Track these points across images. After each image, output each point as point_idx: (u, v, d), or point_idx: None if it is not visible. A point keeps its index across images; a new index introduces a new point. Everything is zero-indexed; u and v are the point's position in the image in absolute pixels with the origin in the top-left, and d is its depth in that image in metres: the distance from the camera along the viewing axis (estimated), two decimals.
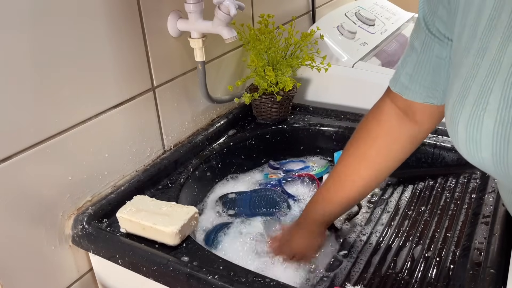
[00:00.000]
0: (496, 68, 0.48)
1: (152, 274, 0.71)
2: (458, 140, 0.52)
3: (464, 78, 0.52)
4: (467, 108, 0.50)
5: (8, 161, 0.68)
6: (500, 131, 0.47)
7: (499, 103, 0.47)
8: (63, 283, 0.82)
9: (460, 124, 0.51)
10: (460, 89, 0.52)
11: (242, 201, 0.93)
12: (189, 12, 0.87)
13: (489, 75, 0.48)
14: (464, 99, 0.51)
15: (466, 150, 0.51)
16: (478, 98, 0.49)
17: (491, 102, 0.47)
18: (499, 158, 0.48)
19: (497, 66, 0.48)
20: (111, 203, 0.81)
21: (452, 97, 0.53)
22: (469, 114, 0.50)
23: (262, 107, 1.10)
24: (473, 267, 0.65)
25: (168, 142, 0.98)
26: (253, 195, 0.94)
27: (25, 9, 0.65)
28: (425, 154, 0.98)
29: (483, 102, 0.48)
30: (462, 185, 0.89)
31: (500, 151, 0.47)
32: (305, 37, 1.07)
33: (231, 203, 0.93)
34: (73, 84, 0.75)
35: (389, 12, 1.54)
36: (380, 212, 0.90)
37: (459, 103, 0.51)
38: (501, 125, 0.47)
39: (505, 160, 0.47)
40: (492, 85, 0.48)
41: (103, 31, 0.77)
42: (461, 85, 0.52)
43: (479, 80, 0.49)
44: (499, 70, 0.47)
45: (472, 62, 0.51)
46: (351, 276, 0.73)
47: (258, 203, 0.93)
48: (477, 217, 0.77)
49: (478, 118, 0.48)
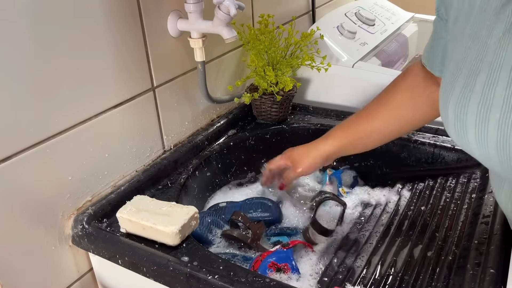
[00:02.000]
0: (484, 50, 0.50)
1: (152, 274, 0.71)
2: (448, 122, 0.54)
3: (457, 60, 0.54)
4: (457, 90, 0.52)
5: (8, 161, 0.68)
6: (482, 111, 0.49)
7: (483, 85, 0.49)
8: (63, 283, 0.82)
9: (450, 105, 0.53)
10: (452, 71, 0.54)
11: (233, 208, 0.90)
12: (189, 12, 0.87)
13: (477, 57, 0.51)
14: (455, 81, 0.53)
15: (455, 131, 0.54)
16: (467, 80, 0.51)
17: (477, 84, 0.50)
18: (480, 139, 0.50)
19: (485, 48, 0.50)
20: (111, 203, 0.81)
21: (445, 80, 0.56)
22: (458, 95, 0.52)
23: (262, 107, 1.10)
24: (473, 267, 0.65)
25: (168, 142, 0.98)
26: (245, 202, 0.92)
27: (25, 9, 0.65)
28: (425, 154, 0.98)
29: (470, 84, 0.51)
30: (462, 185, 0.89)
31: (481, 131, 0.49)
32: (305, 37, 1.07)
33: (222, 211, 0.91)
34: (73, 84, 0.75)
35: (389, 12, 1.54)
36: (380, 212, 0.90)
37: (451, 85, 0.54)
38: (483, 106, 0.49)
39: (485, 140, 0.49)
40: (480, 66, 0.50)
41: (103, 31, 0.77)
42: (454, 67, 0.54)
43: (469, 63, 0.52)
44: (486, 53, 0.50)
45: (465, 45, 0.53)
46: (351, 276, 0.73)
47: (250, 209, 0.91)
48: (477, 217, 0.77)
49: (465, 99, 0.51)
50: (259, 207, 0.91)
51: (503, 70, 0.47)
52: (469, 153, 0.55)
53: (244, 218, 0.83)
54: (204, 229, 0.83)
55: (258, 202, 0.92)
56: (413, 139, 0.99)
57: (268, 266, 0.75)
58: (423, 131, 1.01)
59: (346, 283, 0.71)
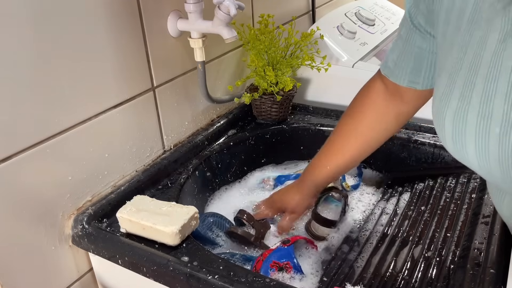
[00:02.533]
0: (478, 62, 0.49)
1: (152, 274, 0.71)
2: (445, 135, 0.53)
3: (449, 72, 0.53)
4: (453, 102, 0.51)
5: (8, 161, 0.68)
6: (482, 124, 0.48)
7: (480, 97, 0.48)
8: (63, 283, 0.82)
9: (447, 118, 0.52)
10: (446, 83, 0.53)
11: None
12: (189, 12, 0.87)
13: (471, 69, 0.49)
14: (450, 93, 0.52)
15: (453, 144, 0.52)
16: (463, 92, 0.50)
17: (474, 96, 0.49)
18: (481, 153, 0.49)
19: (479, 60, 0.49)
20: (111, 203, 0.81)
21: (439, 91, 0.55)
22: (455, 108, 0.51)
23: (262, 107, 1.10)
24: (473, 267, 0.65)
25: (168, 142, 0.98)
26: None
27: (25, 9, 0.65)
28: (425, 154, 0.98)
29: (467, 96, 0.50)
30: (462, 185, 0.89)
31: (482, 145, 0.48)
32: (305, 37, 1.07)
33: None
34: (73, 84, 0.75)
35: (389, 12, 1.54)
36: (380, 212, 0.90)
37: (446, 97, 0.53)
38: (483, 119, 0.48)
39: (487, 154, 0.48)
40: (475, 79, 0.49)
41: (103, 31, 0.77)
42: (447, 79, 0.53)
43: (463, 75, 0.50)
44: (480, 65, 0.48)
45: (456, 56, 0.52)
46: (351, 276, 0.73)
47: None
48: (477, 217, 0.77)
49: (463, 112, 0.50)
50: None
51: (500, 82, 0.46)
52: (468, 165, 0.53)
53: (249, 216, 0.83)
54: (205, 229, 0.83)
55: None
56: (413, 139, 0.99)
57: (270, 266, 0.75)
58: (423, 131, 1.01)
59: (346, 283, 0.71)
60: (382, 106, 0.77)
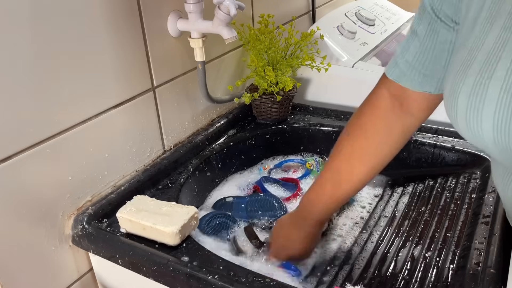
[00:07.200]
0: (506, 35, 0.47)
1: (152, 274, 0.71)
2: (457, 111, 0.51)
3: (469, 48, 0.51)
4: (471, 78, 0.49)
5: (8, 161, 0.68)
6: (505, 99, 0.46)
7: (506, 71, 0.46)
8: (63, 283, 0.82)
9: (461, 94, 0.50)
10: (464, 59, 0.51)
11: (239, 205, 0.92)
12: (189, 12, 0.87)
13: (498, 42, 0.48)
14: (468, 69, 0.50)
15: (465, 122, 0.50)
16: (484, 66, 0.48)
17: (498, 70, 0.47)
18: (501, 128, 0.47)
19: (507, 33, 0.47)
20: (111, 203, 0.81)
21: (454, 69, 0.53)
22: (473, 82, 0.49)
23: (262, 107, 1.10)
24: (473, 267, 0.65)
25: (168, 142, 0.98)
26: (251, 198, 0.93)
27: (24, 9, 0.65)
28: (425, 154, 0.98)
29: (489, 70, 0.47)
30: (462, 185, 0.89)
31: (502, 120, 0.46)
32: (305, 37, 1.07)
33: (228, 206, 0.93)
34: (73, 84, 0.75)
35: (389, 12, 1.54)
36: (380, 212, 0.90)
37: (462, 72, 0.51)
38: (506, 93, 0.46)
39: (507, 130, 0.46)
40: (501, 53, 0.47)
41: (103, 31, 0.77)
42: (467, 54, 0.51)
43: (486, 48, 0.49)
44: (509, 37, 0.47)
45: (480, 30, 0.50)
46: (351, 276, 0.73)
47: (255, 206, 0.91)
48: (477, 217, 0.77)
49: (482, 86, 0.48)
50: (265, 205, 0.92)
51: None
52: (477, 143, 0.50)
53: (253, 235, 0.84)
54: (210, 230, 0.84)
55: (264, 199, 0.93)
56: (413, 139, 0.99)
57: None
58: (423, 131, 1.01)
59: (346, 283, 0.71)
60: (388, 122, 0.70)
